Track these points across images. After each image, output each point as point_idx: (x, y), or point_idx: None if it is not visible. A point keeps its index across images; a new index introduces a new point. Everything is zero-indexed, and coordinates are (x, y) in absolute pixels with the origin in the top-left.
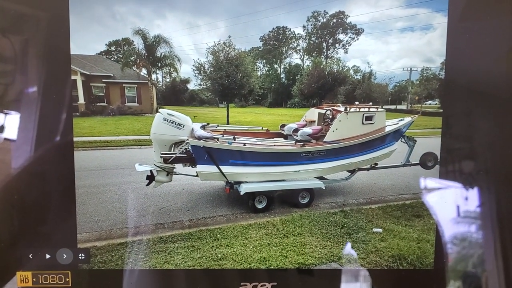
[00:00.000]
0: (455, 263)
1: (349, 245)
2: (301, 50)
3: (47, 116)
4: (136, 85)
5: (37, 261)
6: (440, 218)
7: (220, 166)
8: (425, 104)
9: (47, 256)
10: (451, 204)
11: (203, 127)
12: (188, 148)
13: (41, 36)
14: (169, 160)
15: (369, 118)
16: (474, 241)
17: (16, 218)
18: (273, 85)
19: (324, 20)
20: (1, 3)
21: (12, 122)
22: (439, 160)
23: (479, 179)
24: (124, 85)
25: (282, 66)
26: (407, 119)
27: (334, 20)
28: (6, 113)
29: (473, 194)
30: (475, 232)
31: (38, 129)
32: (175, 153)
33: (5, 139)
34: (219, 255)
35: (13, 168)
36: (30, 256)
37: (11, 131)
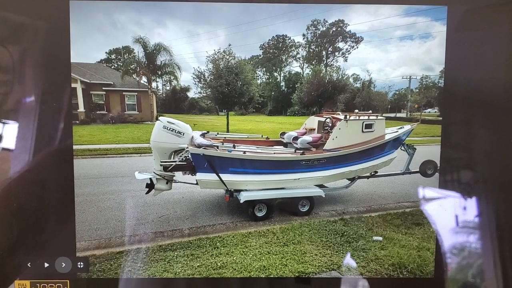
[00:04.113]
0: (455, 272)
1: (349, 253)
2: (301, 58)
3: (47, 124)
4: (136, 93)
5: (36, 270)
6: (440, 227)
7: (220, 174)
8: (425, 112)
9: (46, 264)
10: (451, 213)
11: (203, 135)
12: (188, 156)
13: (42, 45)
14: (169, 168)
15: (368, 126)
16: (474, 251)
17: (15, 226)
18: (273, 93)
19: (324, 28)
20: (1, 13)
21: (12, 131)
22: (438, 168)
23: (479, 187)
24: (124, 93)
25: (282, 74)
26: (407, 127)
27: (334, 29)
28: (6, 122)
29: (473, 203)
30: (475, 241)
31: (38, 137)
32: (175, 161)
33: (5, 148)
34: (219, 264)
35: (12, 176)
36: (28, 264)
37: (12, 140)
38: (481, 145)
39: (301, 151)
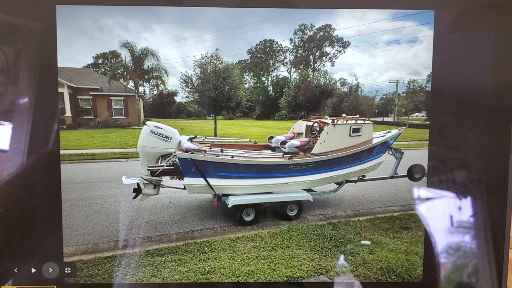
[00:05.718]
0: (444, 276)
1: (337, 257)
2: (288, 63)
3: (33, 129)
4: (123, 98)
5: (23, 276)
6: (427, 230)
7: (207, 179)
8: (412, 116)
9: (33, 270)
10: (439, 216)
11: (190, 140)
12: (176, 161)
13: (28, 49)
14: (156, 173)
15: (356, 130)
16: (461, 253)
17: (1, 231)
18: (260, 97)
19: (311, 33)
20: None
21: None
22: (426, 172)
23: (466, 190)
24: (111, 97)
25: (270, 79)
26: (394, 131)
27: (321, 33)
28: None
29: (461, 206)
30: (462, 243)
31: (24, 142)
32: (162, 166)
33: None
34: (207, 269)
35: None
36: (15, 270)
37: None
38: (468, 148)
39: (289, 156)
